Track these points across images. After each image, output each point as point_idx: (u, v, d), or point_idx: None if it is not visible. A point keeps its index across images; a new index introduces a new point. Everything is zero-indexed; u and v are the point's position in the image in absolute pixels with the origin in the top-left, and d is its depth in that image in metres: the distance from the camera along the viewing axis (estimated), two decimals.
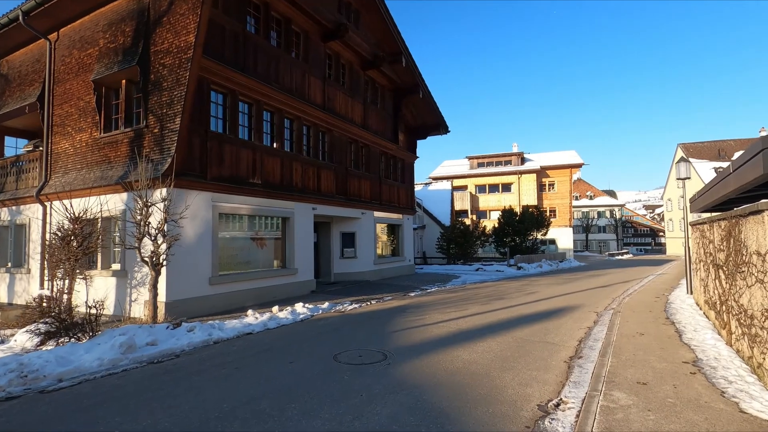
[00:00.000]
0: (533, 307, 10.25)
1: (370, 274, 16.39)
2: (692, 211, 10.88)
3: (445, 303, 11.02)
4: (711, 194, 7.36)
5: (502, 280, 17.48)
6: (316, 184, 13.35)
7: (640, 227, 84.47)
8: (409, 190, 20.22)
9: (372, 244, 16.82)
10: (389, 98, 18.37)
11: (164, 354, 6.29)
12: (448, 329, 7.73)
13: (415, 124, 20.57)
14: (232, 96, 10.46)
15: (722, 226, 6.25)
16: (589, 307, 10.24)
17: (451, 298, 11.87)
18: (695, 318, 7.89)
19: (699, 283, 8.97)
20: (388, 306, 10.69)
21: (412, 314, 9.36)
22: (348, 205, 15.21)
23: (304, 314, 9.26)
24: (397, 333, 7.48)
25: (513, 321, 8.48)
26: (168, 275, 8.58)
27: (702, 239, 8.35)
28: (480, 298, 11.96)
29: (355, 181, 15.62)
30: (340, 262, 15.74)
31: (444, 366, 5.49)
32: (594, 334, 7.29)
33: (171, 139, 8.71)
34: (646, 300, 11.16)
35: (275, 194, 11.61)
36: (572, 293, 12.85)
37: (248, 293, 10.59)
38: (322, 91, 13.71)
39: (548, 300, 11.40)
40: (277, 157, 11.78)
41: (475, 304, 10.76)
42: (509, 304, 10.64)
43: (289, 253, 12.24)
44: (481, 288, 14.61)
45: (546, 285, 15.40)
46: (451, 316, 9.00)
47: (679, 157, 54.42)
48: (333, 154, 14.42)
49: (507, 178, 45.75)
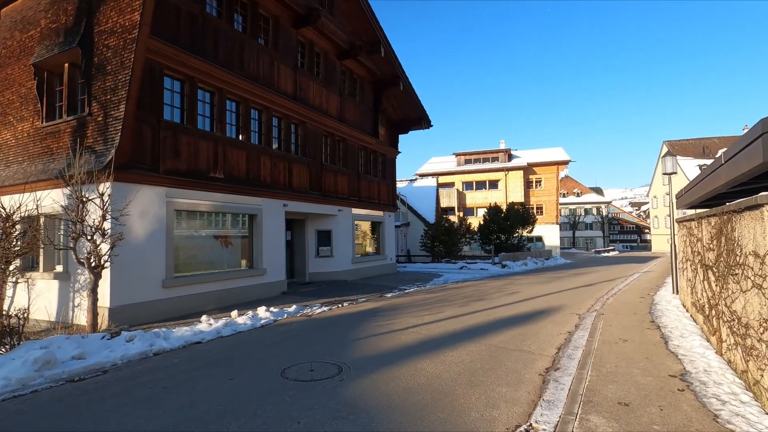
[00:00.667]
0: (513, 309, 9.68)
1: (347, 274, 15.70)
2: (679, 208, 10.40)
3: (421, 305, 10.40)
4: (699, 189, 6.82)
5: (485, 279, 16.94)
6: (287, 179, 12.60)
7: (627, 224, 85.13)
8: (390, 186, 19.55)
9: (350, 242, 16.13)
10: (368, 90, 17.65)
11: (91, 370, 5.53)
12: (418, 336, 7.09)
13: (397, 118, 19.88)
14: (190, 83, 9.66)
15: (712, 223, 5.70)
16: (572, 308, 9.70)
17: (428, 300, 11.25)
18: (682, 321, 7.37)
19: (686, 283, 8.48)
20: (360, 309, 10.02)
21: (383, 318, 8.70)
22: (323, 202, 14.48)
23: (265, 319, 8.54)
24: (361, 341, 6.82)
25: (489, 325, 7.88)
26: (112, 278, 7.79)
27: (689, 237, 7.83)
28: (459, 299, 11.37)
29: (330, 176, 14.89)
30: (316, 261, 15.03)
31: (404, 382, 4.84)
32: (574, 340, 6.72)
33: (115, 128, 7.89)
34: (631, 300, 10.67)
35: (240, 189, 10.84)
36: (555, 293, 12.33)
37: (209, 296, 9.83)
38: (294, 81, 12.94)
39: (530, 301, 10.85)
40: (242, 150, 11.01)
41: (452, 306, 10.16)
42: (488, 306, 10.06)
43: (257, 253, 11.49)
44: (461, 288, 14.03)
45: (529, 284, 14.88)
46: (424, 320, 8.37)
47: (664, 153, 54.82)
48: (306, 148, 13.67)
49: (494, 175, 45.37)
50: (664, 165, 10.95)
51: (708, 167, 6.06)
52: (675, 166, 10.84)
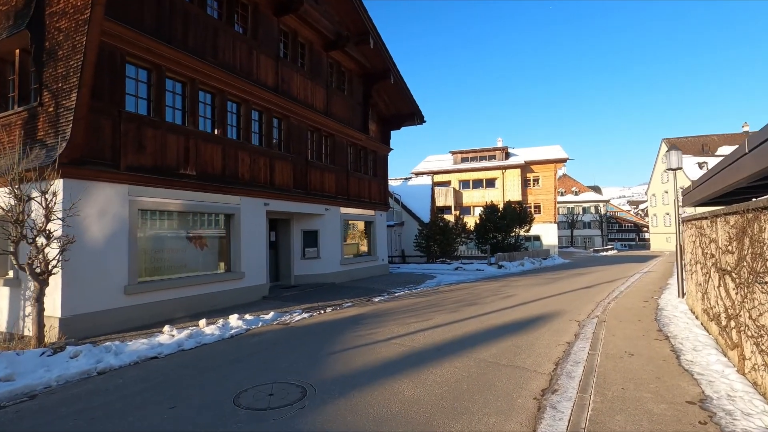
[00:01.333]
0: (508, 315, 8.97)
1: (335, 276, 14.96)
2: (685, 205, 9.71)
3: (410, 311, 9.68)
4: (713, 183, 6.11)
5: (480, 281, 16.23)
6: (268, 176, 11.85)
7: (625, 223, 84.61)
8: (382, 185, 18.81)
9: (338, 242, 15.39)
10: (358, 84, 16.90)
11: (16, 394, 4.78)
12: (400, 349, 6.36)
13: (388, 114, 19.14)
14: (157, 72, 8.91)
15: (731, 222, 4.99)
16: (571, 314, 9.00)
17: (418, 305, 10.53)
18: (692, 331, 6.67)
19: (695, 287, 7.78)
20: (343, 315, 9.30)
21: (365, 327, 7.98)
22: (309, 200, 13.74)
23: (237, 329, 7.80)
24: (335, 355, 6.09)
25: (480, 335, 7.16)
26: (64, 285, 7.04)
27: (700, 237, 7.13)
28: (450, 303, 10.65)
29: (317, 173, 14.15)
30: (302, 263, 14.29)
31: (375, 410, 4.12)
32: (574, 353, 6.01)
33: (66, 120, 7.13)
34: (634, 305, 9.97)
35: (215, 187, 10.09)
36: (553, 296, 11.63)
37: (180, 303, 9.08)
38: (275, 72, 12.19)
39: (526, 306, 10.14)
40: (217, 145, 10.26)
41: (442, 311, 9.44)
42: (481, 312, 9.35)
43: (234, 255, 10.74)
44: (455, 290, 13.31)
45: (526, 286, 14.18)
46: (410, 329, 7.65)
47: (665, 151, 54.12)
48: (290, 144, 12.93)
49: (491, 174, 44.69)
50: (669, 160, 10.24)
51: (726, 158, 5.37)
52: (680, 161, 10.15)
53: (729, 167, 5.10)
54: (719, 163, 5.95)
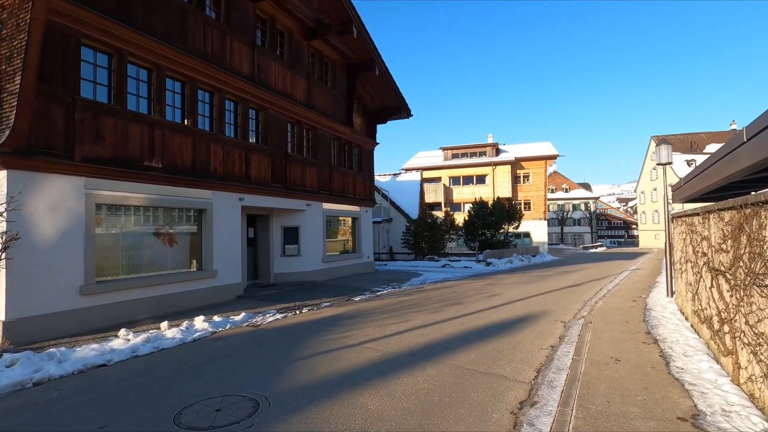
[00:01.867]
0: (491, 315, 8.57)
1: (317, 274, 14.47)
2: (675, 201, 9.37)
3: (390, 311, 9.24)
4: (706, 177, 5.73)
5: (467, 279, 15.85)
6: (243, 169, 11.29)
7: (614, 220, 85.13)
8: (367, 180, 18.31)
9: (320, 239, 14.88)
10: (341, 76, 16.34)
11: None
12: (372, 354, 5.91)
13: (374, 107, 18.62)
14: (118, 56, 8.31)
15: (726, 218, 4.60)
16: (557, 314, 8.63)
17: (400, 304, 10.09)
18: (682, 333, 6.31)
19: (685, 287, 7.43)
20: (319, 316, 8.83)
21: (340, 329, 7.52)
22: (289, 195, 13.21)
23: (201, 332, 7.29)
24: (301, 362, 5.62)
25: (460, 338, 6.74)
26: (9, 286, 6.46)
27: (690, 235, 6.77)
28: (433, 303, 10.23)
29: (297, 167, 13.60)
30: (282, 260, 13.77)
31: (332, 427, 3.66)
32: (557, 358, 5.61)
33: (10, 105, 6.53)
34: (622, 305, 9.63)
35: (185, 181, 9.53)
36: (539, 295, 11.27)
37: (144, 303, 8.53)
38: (251, 61, 11.60)
39: (510, 305, 9.76)
40: (187, 136, 9.68)
41: (423, 312, 9.01)
42: (464, 312, 8.94)
43: (206, 252, 10.20)
44: (439, 289, 12.90)
45: (512, 284, 13.83)
46: (387, 332, 7.21)
47: (654, 148, 54.27)
48: (268, 136, 12.37)
49: (481, 170, 44.40)
50: (659, 155, 9.90)
51: (721, 149, 4.97)
52: (669, 156, 9.81)
53: (724, 158, 4.71)
54: (713, 154, 5.57)
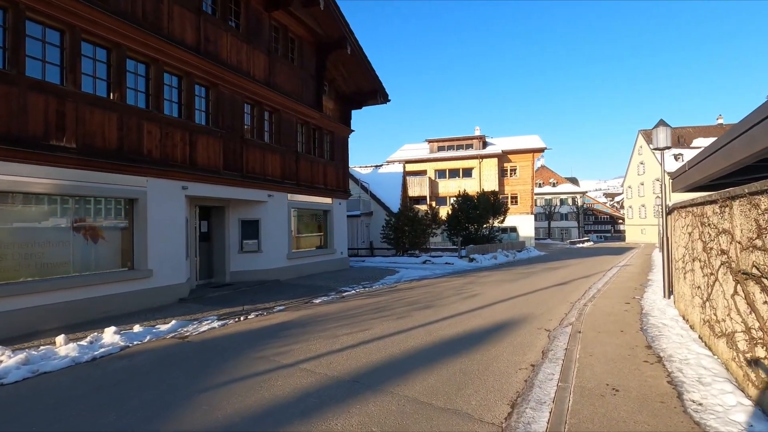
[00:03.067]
0: (465, 321, 7.36)
1: (281, 272, 13.13)
2: (676, 190, 8.25)
3: (350, 316, 7.97)
4: (726, 155, 4.54)
5: (446, 277, 14.67)
6: (187, 154, 9.87)
7: (601, 215, 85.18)
8: (341, 170, 16.96)
9: (285, 234, 13.53)
10: (309, 54, 14.90)
11: None
12: (306, 380, 4.63)
13: (348, 91, 17.22)
14: (14, 12, 6.82)
15: (763, 206, 3.40)
16: (540, 319, 7.45)
17: (363, 308, 8.83)
18: (691, 348, 5.16)
19: (690, 290, 6.29)
20: (265, 323, 7.52)
21: (281, 342, 6.22)
22: (246, 185, 11.81)
23: (108, 347, 5.93)
24: (209, 393, 4.31)
25: (422, 354, 5.50)
26: None
27: (700, 228, 5.61)
28: (402, 306, 8.99)
29: (256, 154, 12.20)
30: (240, 257, 12.38)
31: None
32: (539, 384, 4.40)
33: None
34: (614, 308, 8.50)
35: (109, 165, 8.09)
36: (523, 295, 10.11)
37: (52, 311, 7.11)
38: (197, 29, 10.14)
39: (489, 309, 8.56)
40: (112, 112, 8.23)
41: (388, 318, 7.76)
42: (434, 318, 7.71)
43: (139, 249, 8.78)
44: (414, 288, 11.68)
45: (495, 283, 12.67)
46: (336, 345, 5.94)
47: (641, 142, 53.78)
48: (221, 117, 10.93)
49: (468, 163, 43.32)
50: (656, 139, 8.76)
51: (744, 122, 3.78)
52: (668, 139, 8.68)
53: (740, 138, 3.53)
54: (731, 130, 4.39)
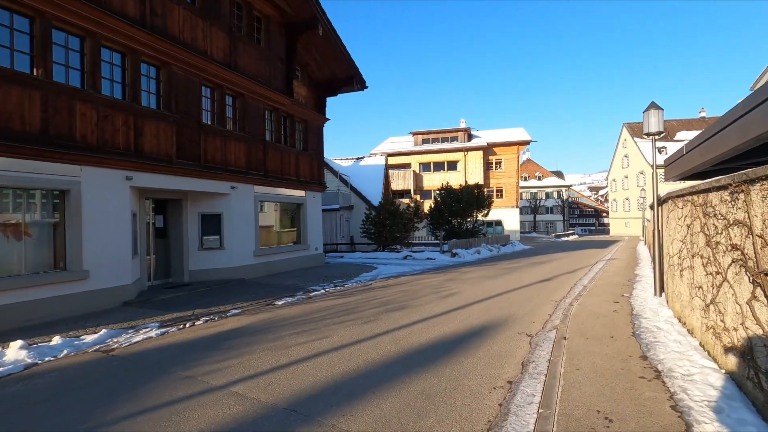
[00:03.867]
0: (438, 326, 6.55)
1: (247, 270, 12.16)
2: (670, 178, 7.54)
3: (311, 321, 7.10)
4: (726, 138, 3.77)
5: (426, 273, 13.88)
6: (132, 140, 8.81)
7: (585, 208, 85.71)
8: (315, 161, 15.97)
9: (251, 228, 12.55)
10: (278, 35, 13.84)
11: None
12: (231, 409, 3.74)
13: (323, 77, 16.20)
14: None
15: None
16: (521, 322, 6.68)
17: (329, 310, 7.96)
18: (693, 360, 4.42)
19: (689, 290, 5.56)
20: (212, 331, 6.60)
21: (219, 355, 5.32)
22: (206, 176, 10.79)
23: (8, 366, 4.98)
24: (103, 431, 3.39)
25: (381, 371, 4.66)
26: None
27: (702, 219, 4.86)
28: (372, 307, 8.15)
29: (217, 141, 11.16)
30: (200, 255, 11.37)
31: None
32: (515, 411, 3.60)
33: None
34: (602, 308, 7.79)
35: (30, 151, 7.03)
36: (504, 294, 9.36)
37: None
38: (141, 1, 9.04)
39: (466, 309, 7.78)
40: (33, 90, 7.14)
41: (353, 322, 6.91)
42: (404, 321, 6.89)
43: (72, 248, 7.74)
44: (389, 287, 10.85)
45: (476, 279, 11.92)
46: (282, 360, 5.06)
47: (625, 135, 53.74)
48: (173, 100, 9.87)
49: (453, 156, 42.62)
50: (647, 123, 8.03)
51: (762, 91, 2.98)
52: (660, 123, 7.96)
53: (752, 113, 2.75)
54: (749, 99, 3.62)
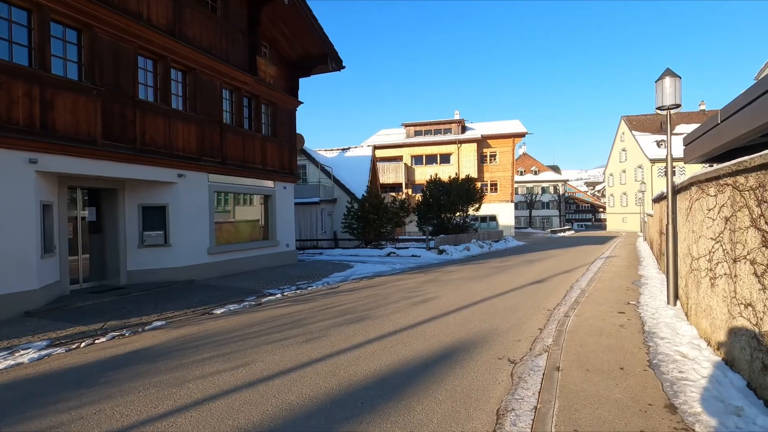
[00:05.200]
0: (399, 346, 5.10)
1: (200, 270, 10.67)
2: (690, 161, 6.10)
3: (244, 337, 5.64)
4: None
5: (406, 273, 12.44)
6: (38, 115, 7.27)
7: (582, 203, 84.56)
8: (286, 148, 14.45)
9: (205, 223, 11.04)
10: (239, 5, 12.23)
11: None
12: None
13: (294, 55, 14.63)
14: None
15: None
16: (504, 341, 5.25)
17: (275, 321, 6.50)
18: (748, 415, 2.98)
19: (726, 306, 4.11)
20: (109, 353, 5.15)
21: (90, 395, 3.86)
22: (143, 161, 9.26)
23: None
24: None
25: (294, 423, 3.20)
26: None
27: (754, 209, 3.42)
28: (327, 318, 6.69)
29: (158, 122, 9.62)
30: (141, 253, 9.87)
31: None
32: None
33: None
34: (605, 321, 6.36)
35: None
36: (488, 300, 7.93)
37: None
38: None
39: (439, 321, 6.34)
40: None
41: (295, 340, 5.45)
42: (358, 339, 5.44)
43: None
44: (358, 290, 9.40)
45: (460, 281, 10.49)
46: (168, 404, 3.61)
47: (623, 128, 52.34)
48: (97, 70, 8.33)
49: (446, 148, 41.12)
50: (662, 93, 6.59)
51: None
52: (677, 94, 6.52)
53: None
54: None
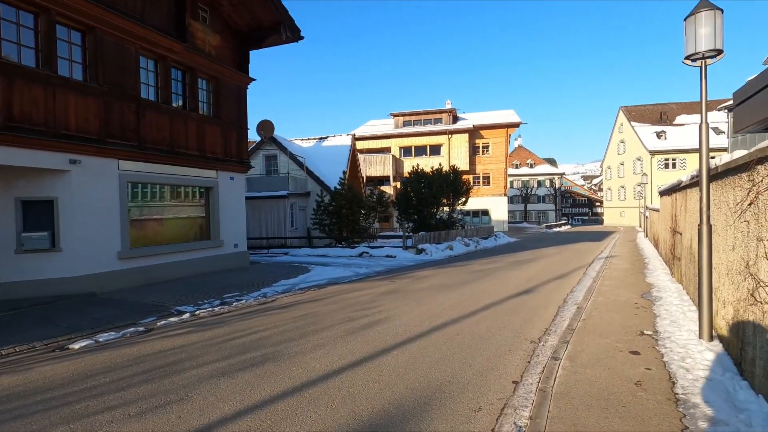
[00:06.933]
0: (284, 423, 3.09)
1: (106, 280, 8.61)
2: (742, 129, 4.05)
3: (51, 406, 3.62)
4: None
5: (368, 279, 10.43)
6: None
7: (579, 197, 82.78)
8: (233, 132, 12.34)
9: (114, 221, 8.96)
10: None
11: None
12: None
13: (242, 24, 12.47)
14: None
15: None
16: (454, 410, 3.23)
17: (144, 362, 4.48)
18: None
19: None
20: None
21: None
22: (16, 143, 7.17)
23: None
24: None
25: None
26: None
27: None
28: (217, 359, 4.68)
29: (38, 92, 7.52)
30: (23, 260, 7.80)
31: None
32: None
33: None
34: (613, 376, 4.37)
35: None
36: (454, 323, 5.93)
37: None
38: None
39: (373, 364, 4.33)
40: None
41: (115, 414, 3.43)
42: (231, 407, 3.42)
43: None
44: (294, 306, 7.39)
45: (427, 292, 8.49)
46: None
47: (622, 119, 50.31)
48: None
49: (436, 139, 39.01)
50: (695, 36, 4.55)
51: None
52: (718, 35, 4.49)
53: None
54: None
